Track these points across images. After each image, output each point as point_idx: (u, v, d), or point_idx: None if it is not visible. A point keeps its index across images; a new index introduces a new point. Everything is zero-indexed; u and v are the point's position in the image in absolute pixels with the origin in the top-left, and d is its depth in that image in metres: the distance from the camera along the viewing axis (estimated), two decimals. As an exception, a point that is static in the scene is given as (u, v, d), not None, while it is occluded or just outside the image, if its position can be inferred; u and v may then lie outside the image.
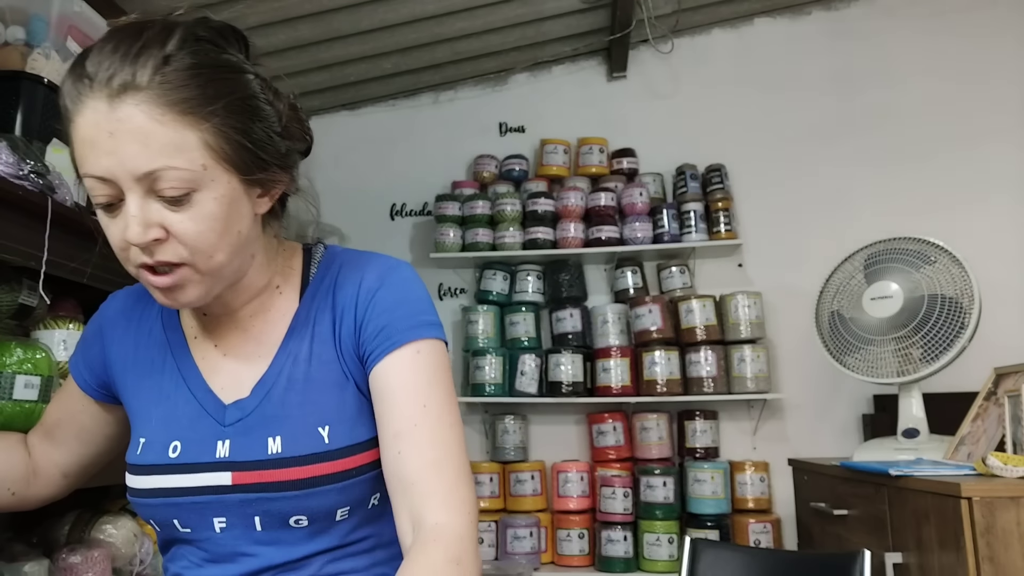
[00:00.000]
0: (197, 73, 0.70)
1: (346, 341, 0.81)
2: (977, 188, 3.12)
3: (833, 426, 3.08)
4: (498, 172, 3.45)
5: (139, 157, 0.68)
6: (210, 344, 0.85)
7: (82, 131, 0.69)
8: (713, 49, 3.46)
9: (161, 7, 0.73)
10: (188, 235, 0.71)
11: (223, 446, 0.79)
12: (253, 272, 0.82)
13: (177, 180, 0.69)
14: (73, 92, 0.69)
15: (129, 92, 0.67)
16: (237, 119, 0.73)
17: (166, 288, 0.74)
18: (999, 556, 1.43)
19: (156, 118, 0.68)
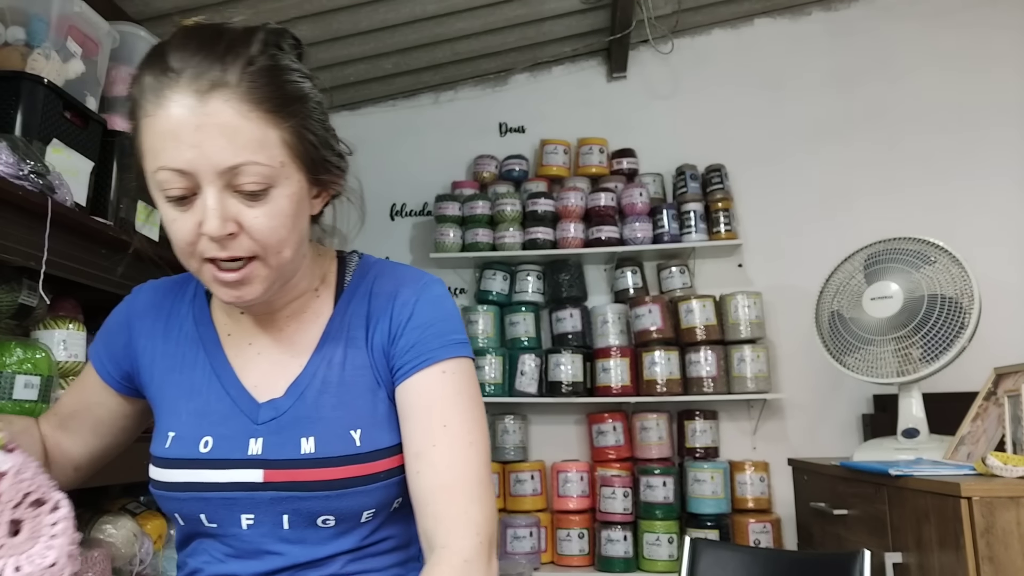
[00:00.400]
0: (278, 75, 0.73)
1: (378, 349, 0.83)
2: (977, 188, 3.12)
3: (833, 426, 3.08)
4: (498, 172, 3.45)
5: (225, 151, 0.70)
6: (244, 342, 0.86)
7: (163, 124, 0.70)
8: (713, 49, 3.46)
9: (162, 7, 0.74)
10: (262, 230, 0.73)
11: (255, 444, 0.79)
12: (300, 273, 0.84)
13: (258, 175, 0.71)
14: (155, 85, 0.70)
15: (218, 89, 0.69)
16: (310, 121, 0.76)
17: (234, 282, 0.75)
18: (999, 556, 1.43)
19: (244, 114, 0.70)
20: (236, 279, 0.75)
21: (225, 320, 0.88)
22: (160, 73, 0.70)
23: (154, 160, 0.72)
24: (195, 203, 0.72)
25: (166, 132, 0.70)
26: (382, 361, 0.83)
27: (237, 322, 0.87)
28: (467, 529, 0.75)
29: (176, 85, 0.69)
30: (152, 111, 0.70)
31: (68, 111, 1.53)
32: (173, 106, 0.69)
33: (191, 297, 0.91)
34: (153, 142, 0.71)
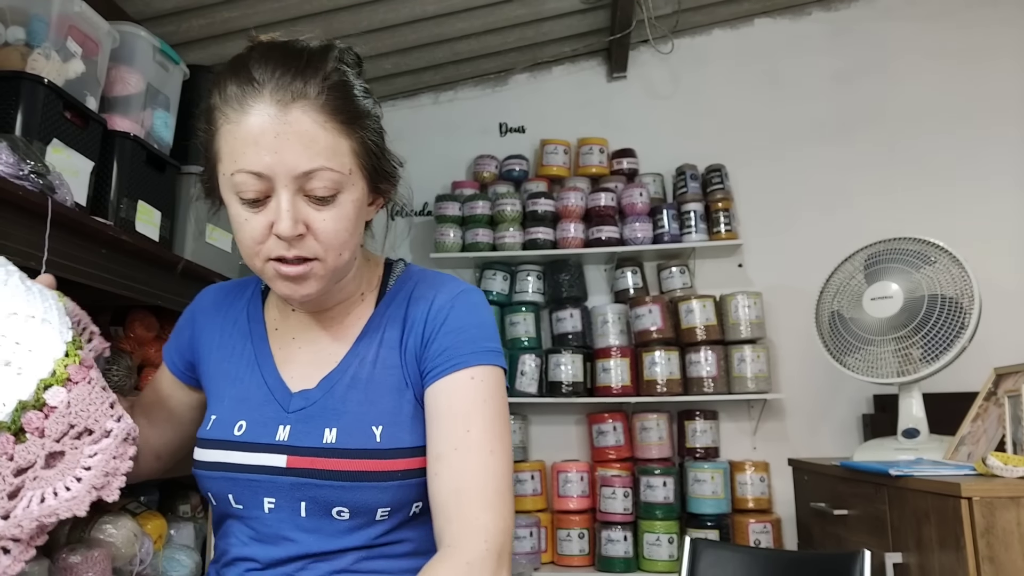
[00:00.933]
0: (349, 90, 0.80)
1: (411, 352, 0.87)
2: (977, 188, 3.12)
3: (833, 426, 3.08)
4: (498, 172, 3.45)
5: (301, 157, 0.75)
6: (289, 337, 0.92)
7: (245, 130, 0.75)
8: (713, 49, 3.46)
9: (162, 7, 0.74)
10: (327, 233, 0.78)
11: (283, 430, 0.84)
12: (351, 276, 0.90)
13: (329, 181, 0.77)
14: (239, 94, 0.76)
15: (299, 100, 0.75)
16: (375, 134, 0.83)
17: (295, 277, 0.80)
18: (999, 556, 1.43)
19: (320, 124, 0.76)
20: (297, 274, 0.79)
21: (275, 316, 0.94)
22: (244, 83, 0.76)
23: (232, 163, 0.77)
24: (267, 205, 0.77)
25: (247, 138, 0.75)
26: (413, 364, 0.86)
27: (286, 318, 0.93)
28: (476, 534, 0.77)
29: (259, 95, 0.75)
30: (235, 118, 0.76)
31: (68, 111, 1.53)
32: (255, 114, 0.75)
33: (249, 296, 0.98)
34: (233, 146, 0.76)
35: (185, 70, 2.00)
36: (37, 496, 0.69)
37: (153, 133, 1.87)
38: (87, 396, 0.73)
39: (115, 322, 1.83)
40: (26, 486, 0.69)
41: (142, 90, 1.82)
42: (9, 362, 0.71)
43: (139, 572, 1.64)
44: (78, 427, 0.72)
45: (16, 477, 0.69)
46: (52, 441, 0.70)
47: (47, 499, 0.69)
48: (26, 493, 0.69)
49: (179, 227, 1.96)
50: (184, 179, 1.99)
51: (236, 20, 2.76)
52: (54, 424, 0.71)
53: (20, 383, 0.71)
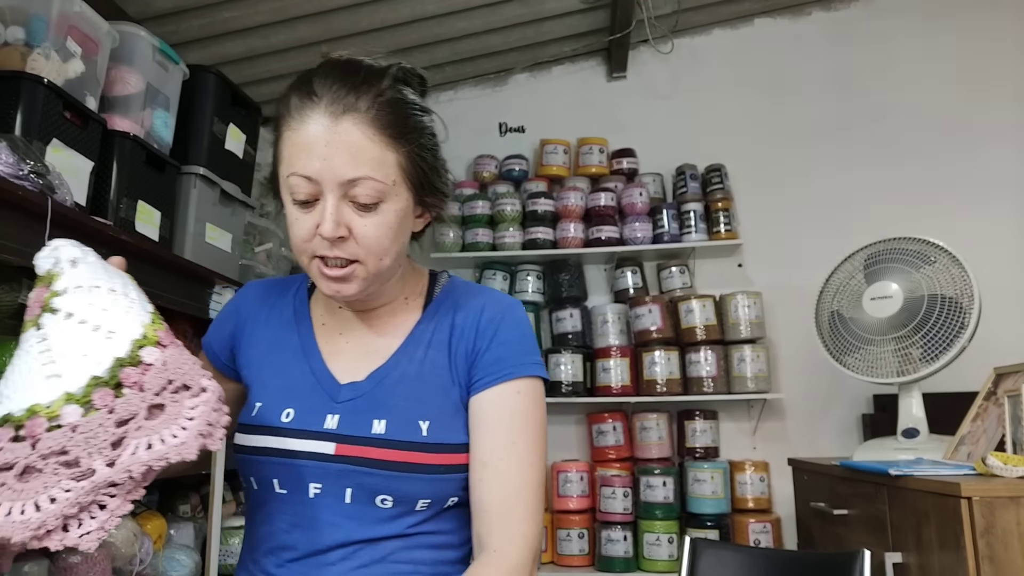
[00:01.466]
0: (401, 108, 0.86)
1: (459, 354, 0.92)
2: (977, 188, 3.12)
3: (833, 426, 3.08)
4: (498, 172, 3.45)
5: (347, 166, 0.82)
6: (336, 332, 0.97)
7: (301, 137, 0.83)
8: (713, 49, 3.46)
9: (162, 7, 0.74)
10: (368, 238, 0.84)
11: (332, 419, 0.88)
12: (395, 281, 0.95)
13: (372, 189, 0.83)
14: (299, 105, 0.84)
15: (350, 113, 0.82)
16: (424, 150, 0.88)
17: (336, 279, 0.86)
18: (999, 556, 1.43)
19: (368, 137, 0.83)
20: (339, 275, 0.85)
21: (322, 312, 0.99)
22: (305, 96, 0.84)
23: (288, 167, 0.84)
24: (316, 207, 0.84)
25: (301, 144, 0.83)
26: (463, 366, 0.91)
27: (332, 314, 0.98)
28: (519, 540, 0.84)
29: (316, 107, 0.83)
30: (294, 126, 0.84)
31: (68, 111, 1.53)
32: (311, 124, 0.82)
33: (294, 292, 1.02)
34: (290, 152, 0.84)
35: (185, 70, 2.00)
36: (144, 443, 0.71)
37: (153, 133, 1.87)
38: (180, 356, 0.76)
39: (115, 322, 1.82)
40: (129, 435, 0.71)
41: (142, 90, 1.82)
42: (99, 326, 0.74)
43: (139, 572, 1.64)
44: (176, 383, 0.74)
45: (119, 428, 0.71)
46: (152, 395, 0.73)
47: (154, 445, 0.71)
48: (130, 442, 0.71)
49: (179, 227, 1.96)
50: (184, 179, 1.99)
51: (236, 20, 2.76)
52: (153, 379, 0.73)
53: (114, 343, 0.74)
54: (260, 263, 2.49)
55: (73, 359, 0.72)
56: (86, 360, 0.72)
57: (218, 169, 2.08)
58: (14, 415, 0.71)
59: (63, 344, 0.73)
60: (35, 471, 0.68)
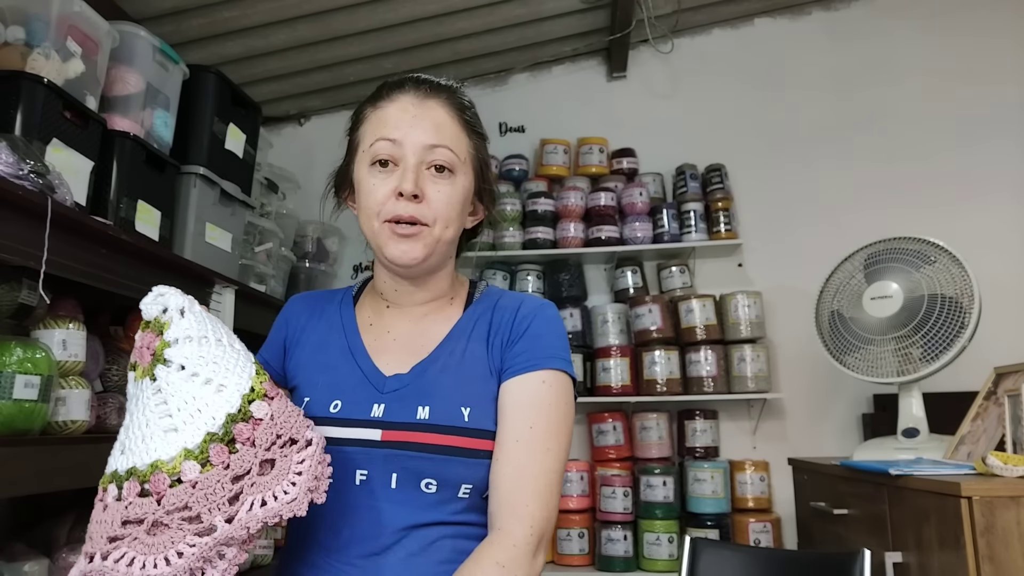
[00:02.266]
0: (470, 109, 1.02)
1: (496, 347, 0.98)
2: (977, 188, 3.12)
3: (833, 426, 3.08)
4: (498, 172, 3.45)
5: (430, 132, 0.95)
6: (383, 331, 1.02)
7: (390, 112, 0.96)
8: (713, 49, 3.46)
9: (162, 7, 0.74)
10: (439, 202, 0.94)
11: (378, 408, 0.92)
12: (443, 273, 1.03)
13: (448, 157, 0.95)
14: (388, 91, 0.99)
15: (434, 94, 0.98)
16: (484, 149, 1.03)
17: (407, 236, 0.93)
18: (999, 556, 1.43)
19: (450, 114, 0.98)
20: (409, 233, 0.93)
21: (368, 314, 1.05)
22: (394, 86, 0.99)
23: (375, 134, 0.96)
24: (394, 172, 0.94)
25: (390, 116, 0.96)
26: (497, 357, 0.97)
27: (380, 315, 1.04)
28: (523, 520, 0.86)
29: (404, 90, 0.98)
30: (381, 105, 0.98)
31: (68, 111, 1.53)
32: (399, 100, 0.97)
33: (339, 301, 1.08)
34: (377, 124, 0.97)
35: (185, 70, 2.00)
36: (258, 499, 0.76)
37: (153, 133, 1.87)
38: (285, 409, 0.81)
39: (115, 322, 1.83)
40: (245, 491, 0.76)
41: (142, 90, 1.82)
42: (210, 380, 0.79)
43: (139, 572, 1.64)
44: (284, 437, 0.79)
45: (234, 484, 0.75)
46: (263, 450, 0.78)
47: (268, 502, 0.75)
48: (246, 498, 0.75)
49: (179, 227, 1.96)
50: (184, 179, 1.99)
51: (236, 20, 2.76)
52: (263, 434, 0.78)
53: (225, 398, 0.78)
54: (260, 263, 2.49)
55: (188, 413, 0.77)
56: (200, 416, 0.77)
57: (218, 169, 2.08)
58: (139, 469, 0.76)
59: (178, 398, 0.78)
60: (162, 526, 0.73)
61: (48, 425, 1.40)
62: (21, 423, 1.30)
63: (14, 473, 1.26)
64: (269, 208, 2.70)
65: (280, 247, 2.66)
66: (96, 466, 1.43)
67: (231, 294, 2.06)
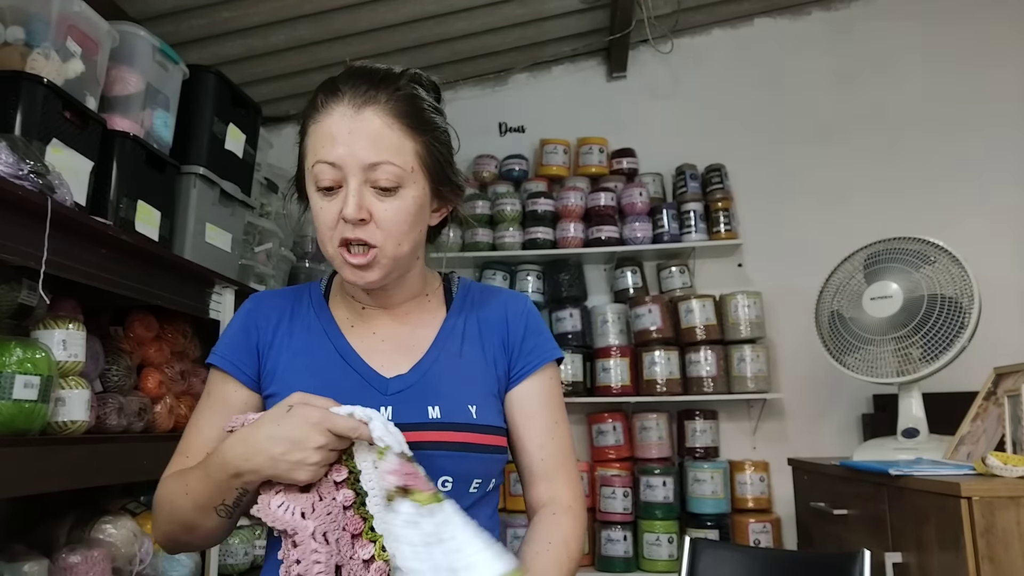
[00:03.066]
0: (416, 103, 0.93)
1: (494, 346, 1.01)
2: (977, 188, 3.12)
3: (833, 426, 3.08)
4: (498, 172, 3.45)
5: (369, 150, 0.88)
6: (368, 332, 1.01)
7: (326, 127, 0.90)
8: (713, 49, 3.46)
9: (162, 7, 0.74)
10: (388, 222, 0.90)
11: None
12: (414, 275, 1.01)
13: (391, 174, 0.89)
14: (324, 100, 0.91)
15: (370, 104, 0.90)
16: (438, 143, 0.95)
17: (359, 265, 0.91)
18: (999, 556, 1.43)
19: (388, 125, 0.90)
20: (361, 263, 0.90)
21: (346, 315, 1.03)
22: (329, 92, 0.91)
23: (314, 156, 0.90)
24: (339, 194, 0.90)
25: (326, 134, 0.90)
26: (501, 356, 1.01)
27: (359, 315, 1.02)
28: (574, 492, 0.99)
29: (339, 101, 0.90)
30: (319, 119, 0.91)
31: (68, 111, 1.53)
32: (335, 115, 0.90)
33: (308, 300, 1.05)
34: (315, 142, 0.91)
35: (185, 70, 2.00)
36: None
37: (153, 133, 1.87)
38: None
39: (115, 322, 1.82)
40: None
41: (142, 90, 1.82)
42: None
43: (139, 572, 1.64)
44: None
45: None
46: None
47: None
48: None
49: (179, 227, 1.96)
50: (184, 179, 1.99)
51: (236, 20, 2.76)
52: None
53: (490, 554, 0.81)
54: (260, 263, 2.49)
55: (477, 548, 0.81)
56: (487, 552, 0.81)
57: (218, 169, 2.08)
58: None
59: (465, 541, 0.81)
60: None
61: (48, 425, 1.40)
62: (21, 423, 1.30)
63: (14, 473, 1.26)
64: (269, 208, 2.70)
65: (280, 247, 2.66)
66: (96, 466, 1.42)
67: (231, 294, 2.06)
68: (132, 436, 1.66)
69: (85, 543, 1.56)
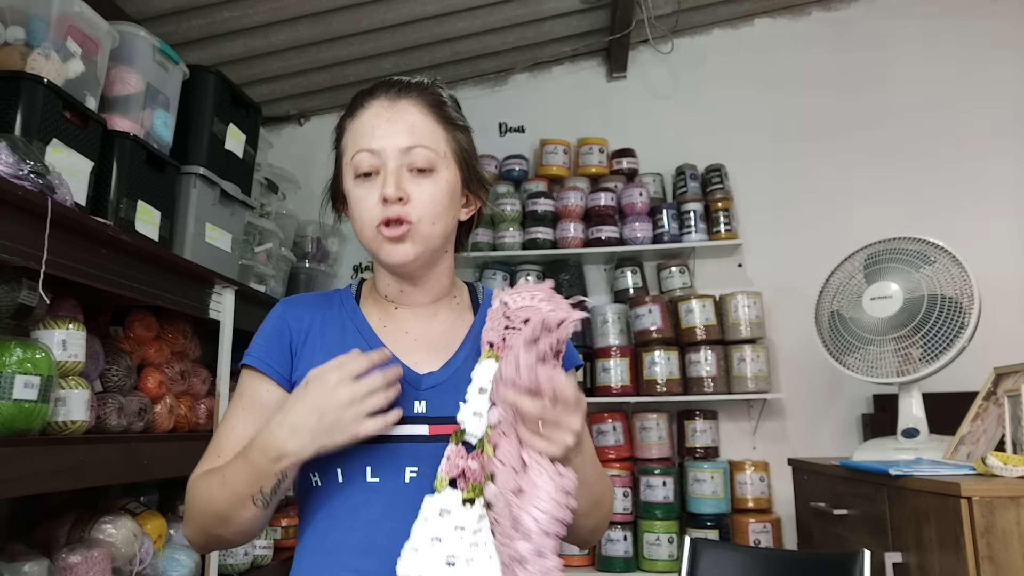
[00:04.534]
0: (444, 103, 1.03)
1: None
2: (977, 188, 3.12)
3: (833, 426, 3.08)
4: (498, 172, 3.45)
5: (404, 135, 0.96)
6: (401, 332, 1.04)
7: (363, 121, 0.98)
8: (713, 49, 3.46)
9: (162, 7, 0.74)
10: (423, 201, 0.96)
11: (420, 405, 0.96)
12: (442, 270, 1.05)
13: (426, 156, 0.96)
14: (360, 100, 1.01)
15: (405, 95, 0.99)
16: (467, 140, 1.03)
17: (395, 238, 0.96)
18: (999, 556, 1.43)
19: (423, 112, 0.99)
20: (397, 235, 0.95)
21: (378, 316, 1.06)
22: (365, 95, 1.01)
23: (354, 146, 0.98)
24: (377, 180, 0.96)
25: (365, 125, 0.98)
26: None
27: (391, 317, 1.06)
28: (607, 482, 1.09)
29: (374, 97, 1.00)
30: (356, 115, 1.00)
31: (68, 111, 1.53)
32: (371, 109, 0.99)
33: (340, 303, 1.08)
34: (355, 135, 0.99)
35: (185, 70, 2.00)
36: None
37: (153, 133, 1.87)
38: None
39: (115, 322, 1.83)
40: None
41: (142, 90, 1.82)
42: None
43: (139, 572, 1.64)
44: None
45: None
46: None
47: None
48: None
49: (179, 227, 1.96)
50: (184, 179, 1.99)
51: (236, 20, 2.76)
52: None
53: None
54: (260, 263, 2.49)
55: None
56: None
57: (218, 169, 2.08)
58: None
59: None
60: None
61: (48, 425, 1.40)
62: (21, 423, 1.30)
63: (14, 473, 1.26)
64: (269, 208, 2.70)
65: (280, 247, 2.66)
66: (96, 466, 1.42)
67: (231, 294, 2.06)
68: (132, 436, 1.67)
69: (85, 543, 1.56)
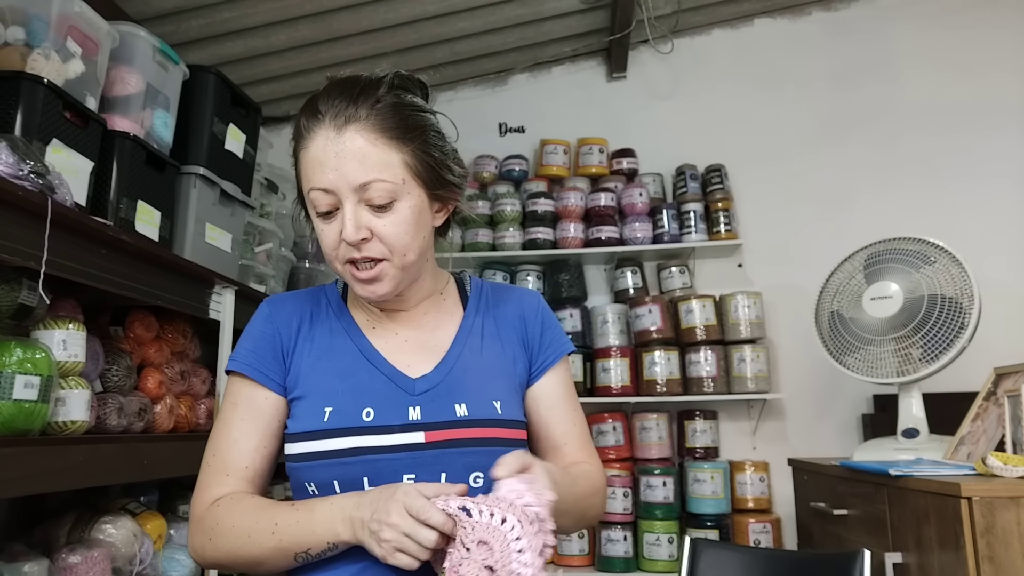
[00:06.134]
0: (400, 110, 0.92)
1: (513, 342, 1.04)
2: (977, 188, 3.12)
3: (833, 426, 3.08)
4: (498, 172, 3.45)
5: (357, 171, 0.88)
6: (391, 333, 1.02)
7: (312, 154, 0.90)
8: (713, 49, 3.46)
9: (162, 7, 0.74)
10: (389, 236, 0.90)
11: (414, 411, 0.93)
12: (426, 276, 1.02)
13: (383, 190, 0.89)
14: (308, 124, 0.91)
15: (351, 123, 0.89)
16: (429, 146, 0.94)
17: (368, 280, 0.92)
18: (999, 556, 1.43)
19: (372, 142, 0.89)
20: (369, 277, 0.92)
21: (366, 317, 1.03)
22: (311, 116, 0.92)
23: (307, 183, 0.91)
24: (337, 216, 0.91)
25: (314, 160, 0.90)
26: (519, 350, 1.04)
27: (378, 318, 1.03)
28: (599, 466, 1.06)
29: (321, 124, 0.90)
30: (305, 145, 0.91)
31: (68, 111, 1.53)
32: (319, 139, 0.90)
33: (326, 302, 1.06)
34: (306, 169, 0.92)
35: (185, 70, 2.00)
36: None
37: (153, 133, 1.87)
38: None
39: (115, 322, 1.83)
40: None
41: (142, 90, 1.82)
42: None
43: (139, 572, 1.64)
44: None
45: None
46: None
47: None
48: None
49: (179, 227, 1.96)
50: (184, 179, 1.99)
51: (236, 20, 2.76)
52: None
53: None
54: (260, 263, 2.49)
55: None
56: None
57: (218, 169, 2.08)
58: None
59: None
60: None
61: (48, 425, 1.40)
62: (21, 423, 1.30)
63: (14, 473, 1.26)
64: (269, 208, 2.70)
65: (280, 247, 2.66)
66: (96, 466, 1.42)
67: (231, 294, 2.06)
68: (132, 436, 1.66)
69: (85, 543, 1.56)
